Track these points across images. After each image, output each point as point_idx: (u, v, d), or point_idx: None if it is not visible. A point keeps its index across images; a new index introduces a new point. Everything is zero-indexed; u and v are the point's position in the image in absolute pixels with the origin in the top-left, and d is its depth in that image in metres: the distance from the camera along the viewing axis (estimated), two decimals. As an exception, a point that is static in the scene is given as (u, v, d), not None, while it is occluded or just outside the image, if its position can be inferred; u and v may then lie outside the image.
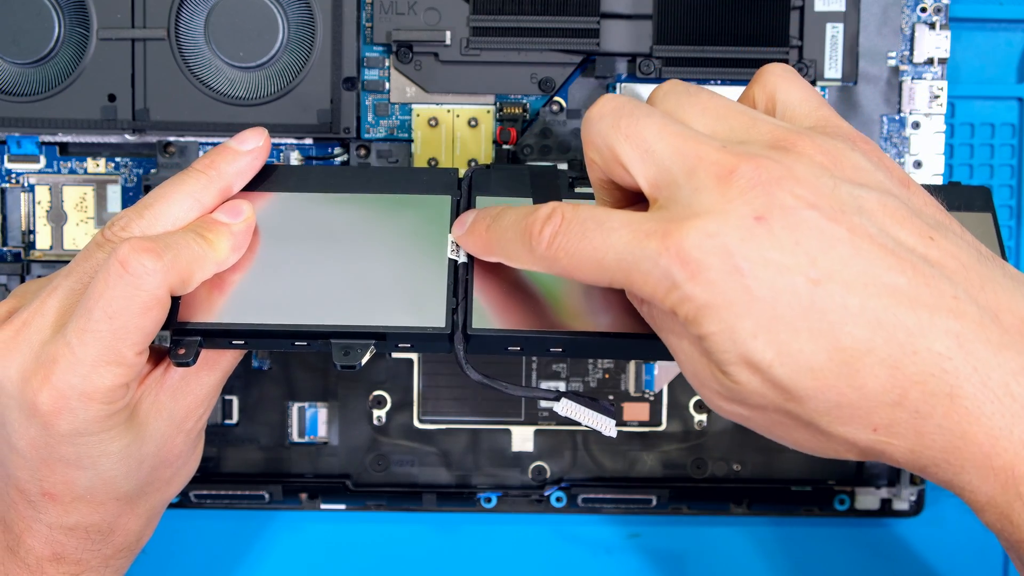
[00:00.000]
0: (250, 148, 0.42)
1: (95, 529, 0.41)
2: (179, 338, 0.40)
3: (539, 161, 0.51)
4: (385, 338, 0.40)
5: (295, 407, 0.53)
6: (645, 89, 0.51)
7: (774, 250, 0.31)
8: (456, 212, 0.42)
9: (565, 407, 0.40)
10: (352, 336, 0.40)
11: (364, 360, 0.40)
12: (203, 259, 0.39)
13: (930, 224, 0.33)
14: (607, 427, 0.40)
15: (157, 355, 0.42)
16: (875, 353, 0.31)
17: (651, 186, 0.34)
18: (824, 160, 0.33)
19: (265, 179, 0.43)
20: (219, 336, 0.40)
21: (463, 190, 0.43)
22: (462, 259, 0.41)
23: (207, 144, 0.51)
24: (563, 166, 0.51)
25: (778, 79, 0.38)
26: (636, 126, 0.35)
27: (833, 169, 0.33)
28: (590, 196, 0.41)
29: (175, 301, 0.40)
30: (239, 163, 0.42)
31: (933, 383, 0.31)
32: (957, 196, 0.43)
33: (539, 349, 0.40)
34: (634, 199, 0.37)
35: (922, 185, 0.37)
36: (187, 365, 0.40)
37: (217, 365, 0.43)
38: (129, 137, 0.51)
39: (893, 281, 0.31)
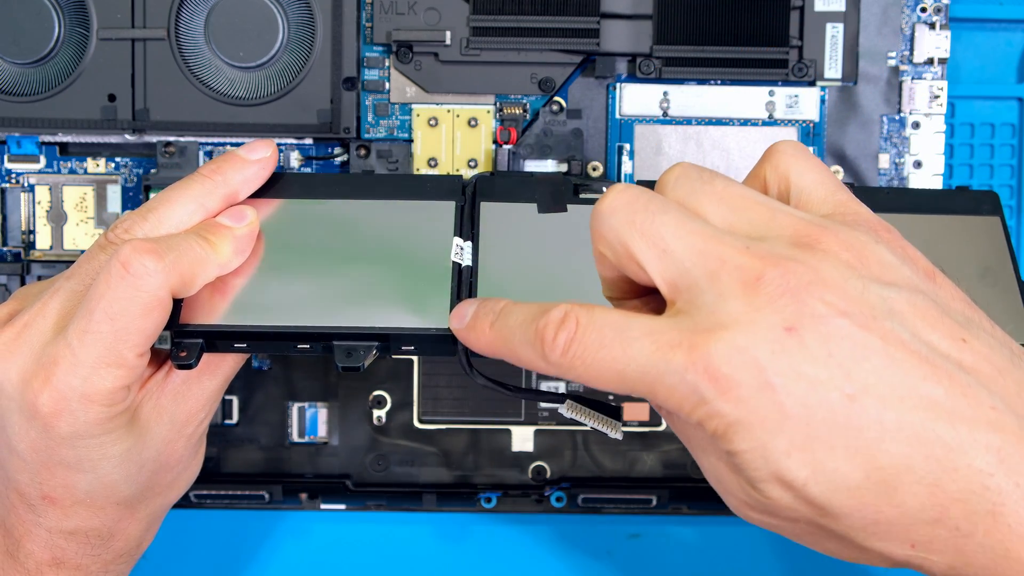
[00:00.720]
0: (258, 158, 0.42)
1: (95, 534, 0.41)
2: (180, 340, 0.40)
3: (539, 160, 0.51)
4: (388, 340, 0.40)
5: (295, 407, 0.53)
6: (645, 89, 0.51)
7: (807, 363, 0.30)
8: (460, 218, 0.42)
9: (570, 409, 0.39)
10: (355, 338, 0.40)
11: (367, 362, 0.40)
12: (205, 261, 0.39)
13: (961, 323, 0.32)
14: (613, 428, 0.39)
15: (159, 358, 0.42)
16: (914, 471, 0.30)
17: (670, 287, 0.33)
18: (849, 257, 0.32)
19: (270, 187, 0.43)
20: (221, 338, 0.40)
21: (467, 196, 0.42)
22: (466, 262, 0.41)
23: (207, 144, 0.51)
24: (563, 167, 0.51)
25: (791, 160, 0.36)
26: (652, 223, 0.33)
27: (859, 267, 0.32)
28: (593, 202, 0.41)
29: (177, 304, 0.40)
30: (246, 172, 0.42)
31: (974, 501, 0.30)
32: (965, 200, 0.43)
33: None
34: (644, 291, 0.36)
35: (932, 189, 0.36)
36: (189, 367, 0.40)
37: (219, 369, 0.42)
38: (129, 137, 0.51)
39: (930, 393, 0.30)
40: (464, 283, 0.40)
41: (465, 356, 0.39)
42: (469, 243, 0.41)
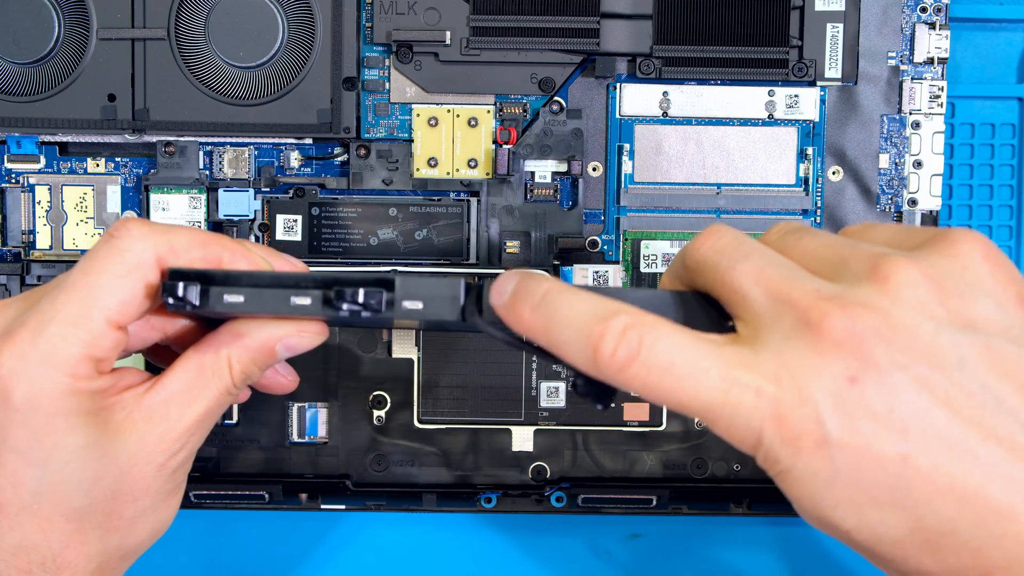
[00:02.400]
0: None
1: (39, 559, 0.37)
2: (174, 280, 0.36)
3: (539, 160, 0.51)
4: (393, 288, 0.36)
5: (295, 407, 0.53)
6: (645, 89, 0.51)
7: (866, 419, 0.30)
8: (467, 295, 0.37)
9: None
10: (358, 284, 0.36)
11: (376, 309, 0.36)
12: (197, 240, 0.37)
13: None
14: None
15: (140, 377, 0.39)
16: (959, 535, 0.30)
17: (742, 321, 0.32)
18: (927, 292, 0.31)
19: None
20: (216, 283, 0.37)
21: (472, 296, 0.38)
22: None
23: (207, 144, 0.51)
24: (563, 166, 0.51)
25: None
26: (733, 271, 0.32)
27: (936, 304, 0.31)
28: None
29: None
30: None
31: (1019, 568, 0.29)
32: None
33: None
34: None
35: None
36: (180, 306, 0.36)
37: (197, 399, 0.38)
38: (129, 137, 0.51)
39: (988, 455, 0.29)
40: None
41: (476, 300, 0.36)
42: None
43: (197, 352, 0.39)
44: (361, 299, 0.36)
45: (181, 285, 0.36)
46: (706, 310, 0.34)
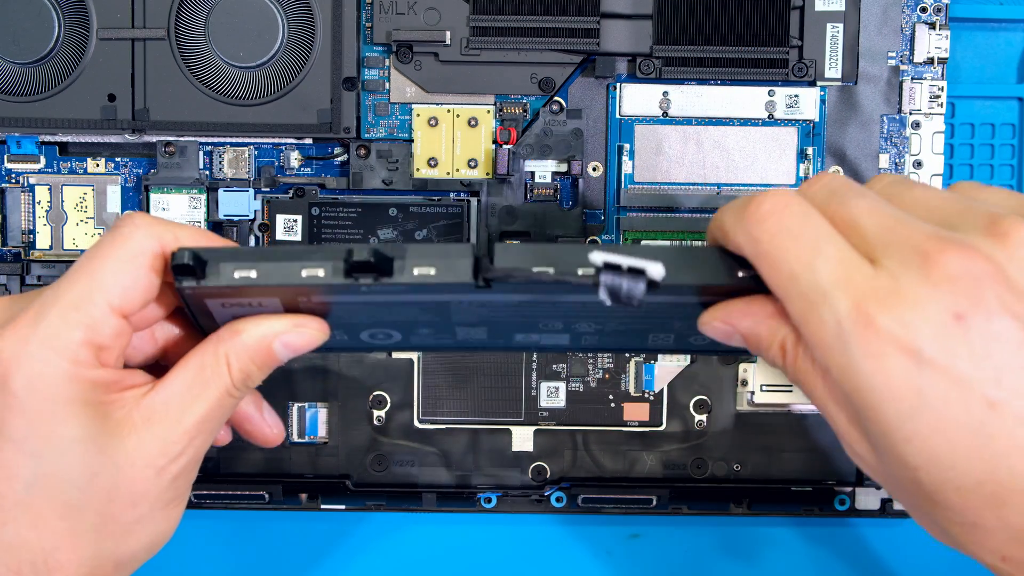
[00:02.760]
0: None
1: (29, 558, 0.36)
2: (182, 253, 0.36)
3: (539, 160, 0.51)
4: (405, 255, 0.36)
5: (295, 407, 0.53)
6: (645, 89, 0.51)
7: (963, 359, 0.29)
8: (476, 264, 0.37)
9: (600, 259, 0.34)
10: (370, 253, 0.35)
11: (400, 262, 0.36)
12: (201, 238, 0.37)
13: None
14: (654, 271, 0.34)
15: (143, 377, 0.38)
16: None
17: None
18: None
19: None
20: (225, 259, 0.36)
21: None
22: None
23: (207, 144, 0.51)
24: (562, 166, 0.51)
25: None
26: (846, 204, 0.33)
27: None
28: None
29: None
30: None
31: None
32: None
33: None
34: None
35: None
36: (189, 282, 0.36)
37: (201, 397, 0.38)
38: (129, 137, 0.51)
39: None
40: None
41: (488, 258, 0.35)
42: None
43: (197, 353, 0.38)
44: (373, 261, 0.35)
45: (189, 254, 0.35)
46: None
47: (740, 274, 0.35)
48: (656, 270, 0.34)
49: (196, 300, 0.38)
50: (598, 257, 0.34)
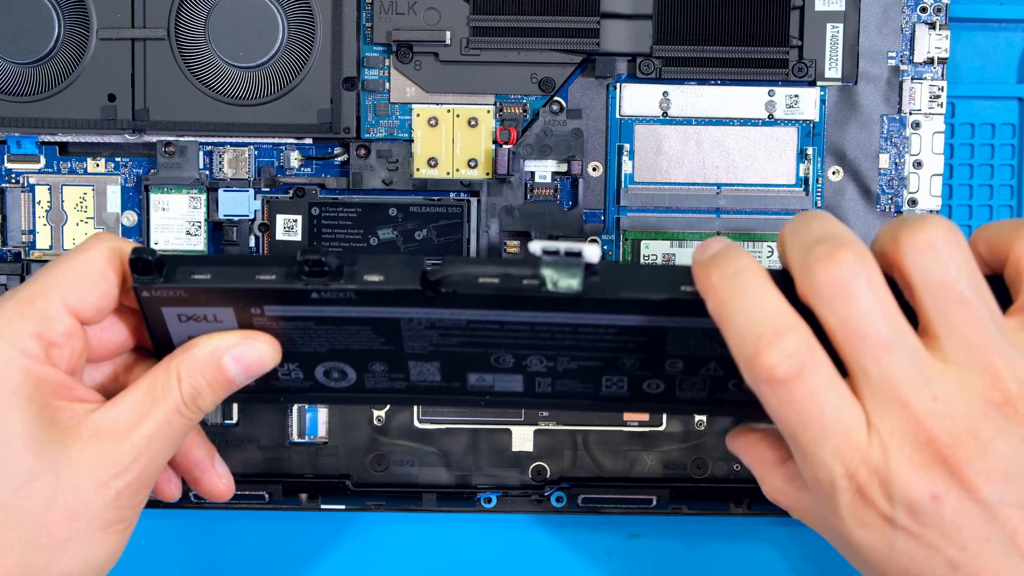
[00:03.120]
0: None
1: None
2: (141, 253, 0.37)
3: (539, 160, 0.51)
4: (355, 262, 0.38)
5: (295, 407, 0.53)
6: (645, 89, 0.51)
7: (933, 530, 0.33)
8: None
9: (538, 247, 0.36)
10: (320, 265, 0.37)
11: (335, 281, 0.37)
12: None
13: None
14: (590, 252, 0.36)
15: (93, 395, 0.38)
16: None
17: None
18: None
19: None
20: (183, 263, 0.38)
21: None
22: None
23: (207, 144, 0.51)
24: (562, 166, 0.51)
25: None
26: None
27: None
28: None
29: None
30: None
31: None
32: None
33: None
34: None
35: None
36: (148, 272, 0.37)
37: (150, 413, 0.37)
38: (129, 137, 0.51)
39: None
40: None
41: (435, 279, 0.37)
42: None
43: (150, 372, 0.38)
44: (325, 265, 0.36)
45: (148, 252, 0.36)
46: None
47: (684, 288, 0.36)
48: (592, 252, 0.35)
49: (153, 309, 0.38)
50: (536, 246, 0.36)
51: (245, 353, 0.39)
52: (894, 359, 0.32)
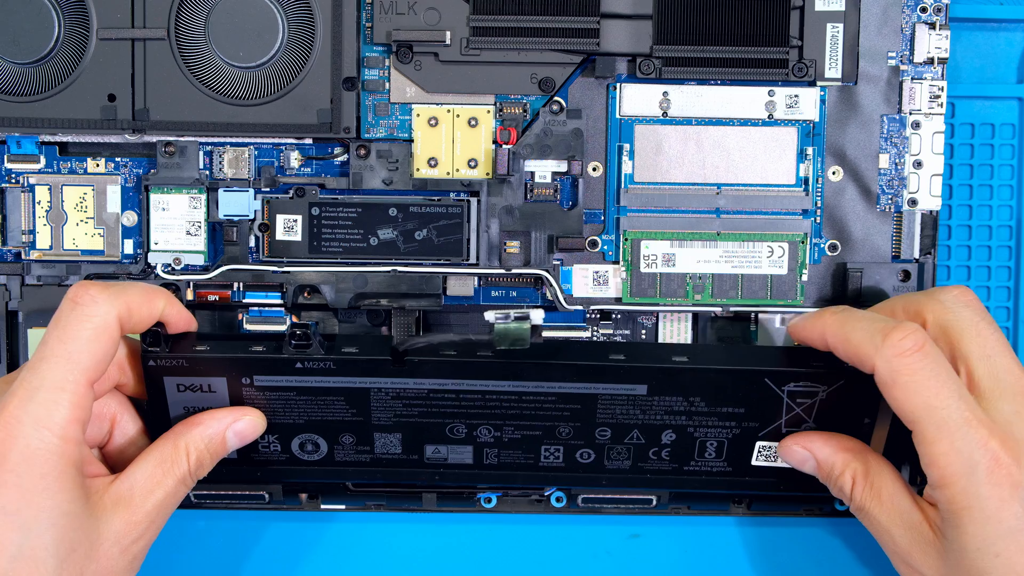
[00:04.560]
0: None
1: None
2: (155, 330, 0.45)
3: (539, 160, 0.51)
4: (335, 339, 0.47)
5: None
6: (645, 89, 0.51)
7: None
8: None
9: (491, 315, 0.44)
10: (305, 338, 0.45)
11: (311, 345, 0.45)
12: (146, 297, 0.43)
13: None
14: (536, 315, 0.44)
15: (105, 468, 0.45)
16: None
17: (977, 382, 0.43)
18: None
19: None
20: (184, 338, 0.46)
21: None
22: None
23: (207, 144, 0.51)
24: (562, 166, 0.51)
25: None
26: (961, 348, 0.43)
27: None
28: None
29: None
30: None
31: None
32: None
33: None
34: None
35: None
36: (156, 346, 0.45)
37: (161, 484, 0.43)
38: (129, 137, 0.51)
39: None
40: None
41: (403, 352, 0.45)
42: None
43: (157, 446, 0.44)
44: (309, 338, 0.45)
45: (160, 327, 0.45)
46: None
47: (814, 363, 0.46)
48: (537, 315, 0.44)
49: (156, 378, 0.46)
50: (490, 315, 0.44)
51: (244, 428, 0.46)
52: (1013, 358, 0.43)
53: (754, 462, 0.49)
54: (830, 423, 0.47)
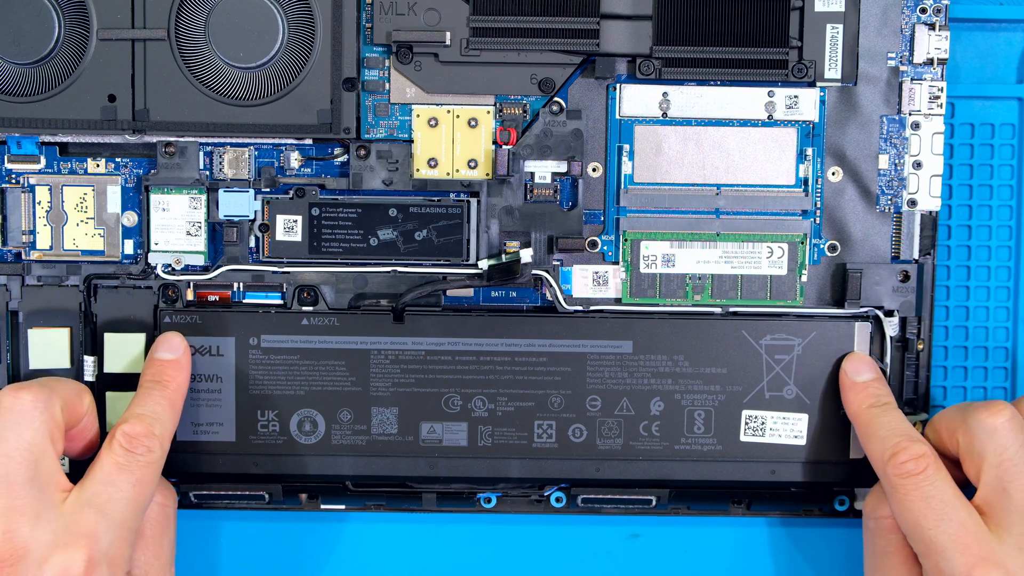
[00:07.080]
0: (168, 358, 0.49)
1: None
2: None
3: (538, 161, 0.51)
4: None
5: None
6: (645, 89, 0.51)
7: None
8: None
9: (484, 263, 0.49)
10: None
11: None
12: (75, 392, 0.46)
13: None
14: (525, 254, 0.49)
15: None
16: None
17: (988, 510, 0.45)
18: None
19: None
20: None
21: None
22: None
23: (207, 144, 0.51)
24: (562, 166, 0.51)
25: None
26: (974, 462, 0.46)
27: None
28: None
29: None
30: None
31: None
32: None
33: None
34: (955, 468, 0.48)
35: None
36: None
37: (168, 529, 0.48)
38: (129, 137, 0.51)
39: None
40: None
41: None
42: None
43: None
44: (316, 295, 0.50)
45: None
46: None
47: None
48: (526, 253, 0.49)
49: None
50: (483, 263, 0.49)
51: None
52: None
53: (742, 437, 0.51)
54: (809, 385, 0.51)
